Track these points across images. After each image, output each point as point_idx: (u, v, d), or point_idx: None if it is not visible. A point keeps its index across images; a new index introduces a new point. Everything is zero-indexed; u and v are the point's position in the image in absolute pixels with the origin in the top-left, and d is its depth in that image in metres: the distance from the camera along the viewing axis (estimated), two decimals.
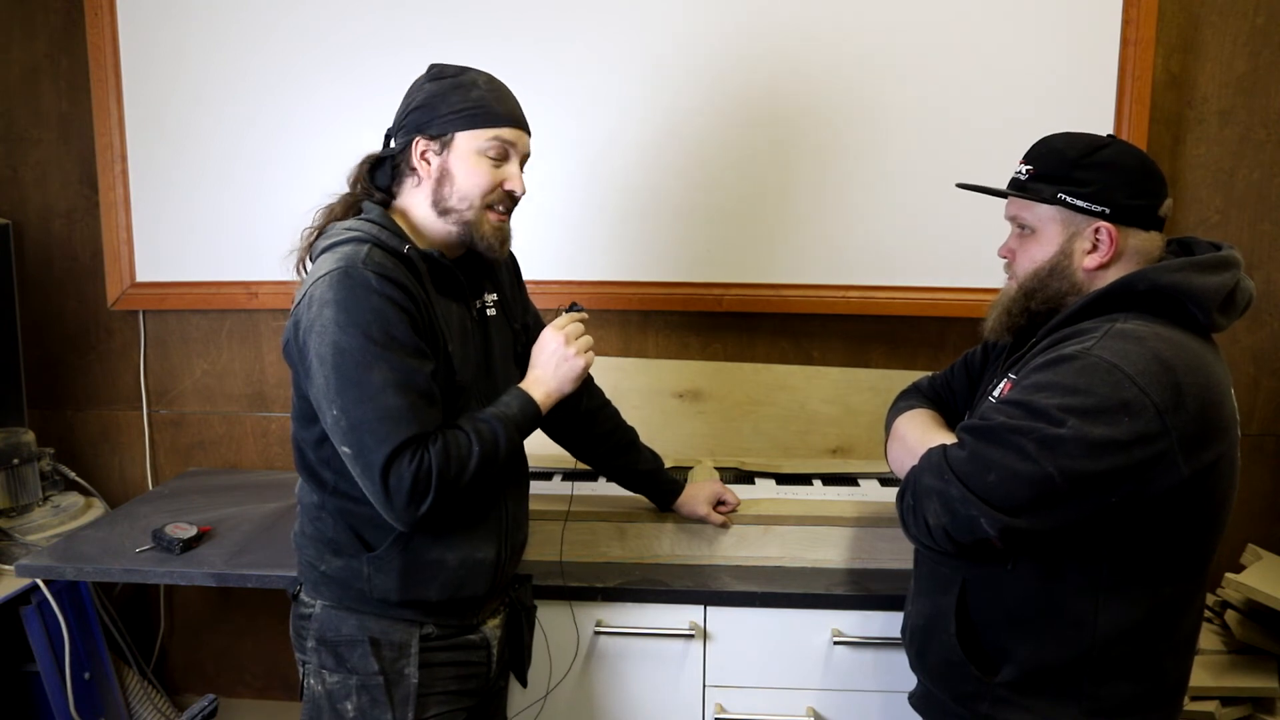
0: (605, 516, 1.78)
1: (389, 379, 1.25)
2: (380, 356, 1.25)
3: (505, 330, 1.52)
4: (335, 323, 1.25)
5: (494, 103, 1.38)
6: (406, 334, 1.27)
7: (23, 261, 2.36)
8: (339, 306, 1.25)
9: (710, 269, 2.18)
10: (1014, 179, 1.31)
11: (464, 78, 1.39)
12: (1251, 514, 2.19)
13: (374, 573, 1.37)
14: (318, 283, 1.29)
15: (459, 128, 1.36)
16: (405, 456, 1.25)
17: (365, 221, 1.36)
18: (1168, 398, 1.11)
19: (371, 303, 1.26)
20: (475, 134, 1.36)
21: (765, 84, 2.10)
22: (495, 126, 1.37)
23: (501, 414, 1.36)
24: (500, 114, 1.38)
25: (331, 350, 1.25)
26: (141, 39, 2.21)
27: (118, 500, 2.39)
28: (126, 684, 2.24)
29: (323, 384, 1.27)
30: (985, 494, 1.15)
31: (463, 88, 1.37)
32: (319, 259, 1.35)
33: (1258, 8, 2.06)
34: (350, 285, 1.26)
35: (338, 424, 1.27)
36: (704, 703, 1.73)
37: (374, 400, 1.24)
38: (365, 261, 1.28)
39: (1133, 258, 1.24)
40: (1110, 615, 1.20)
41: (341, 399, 1.26)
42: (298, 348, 1.31)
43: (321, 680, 1.40)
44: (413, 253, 1.33)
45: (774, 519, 1.77)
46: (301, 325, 1.29)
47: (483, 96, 1.37)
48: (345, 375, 1.25)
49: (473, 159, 1.37)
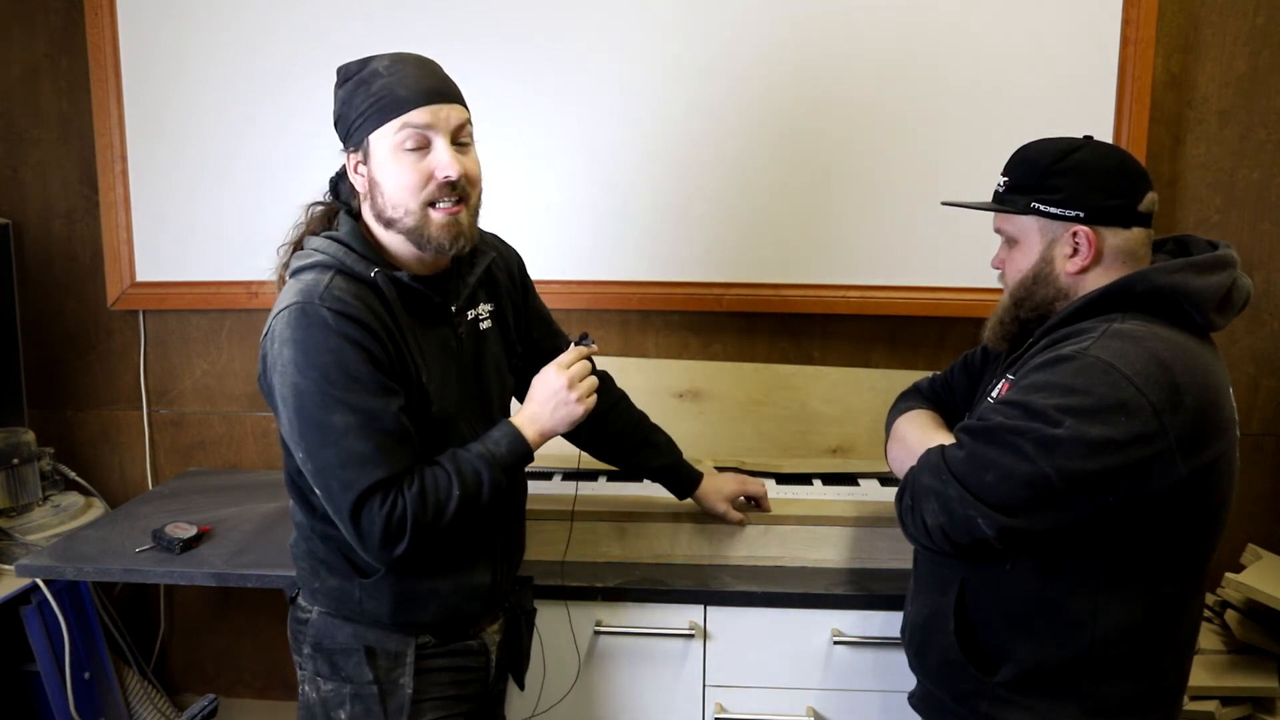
0: (605, 516, 1.78)
1: (350, 423, 1.19)
2: (340, 399, 1.19)
3: (500, 342, 1.45)
4: (294, 364, 1.20)
5: (396, 87, 1.22)
6: (368, 373, 1.20)
7: (23, 261, 2.36)
8: (297, 346, 1.20)
9: (710, 269, 2.18)
10: (994, 192, 1.32)
11: (365, 71, 1.25)
12: (1251, 514, 2.19)
13: (365, 597, 1.34)
14: (278, 317, 1.23)
15: (369, 130, 1.24)
16: (375, 501, 1.20)
17: (333, 242, 1.28)
18: (1165, 398, 1.11)
19: (329, 343, 1.19)
20: (384, 130, 1.23)
21: (766, 84, 2.10)
22: (400, 113, 1.22)
23: (489, 453, 1.29)
24: (404, 97, 1.22)
25: (292, 393, 1.20)
26: (141, 39, 2.21)
27: (118, 500, 2.39)
28: (126, 684, 2.24)
29: (288, 426, 1.23)
30: (983, 494, 1.16)
31: (365, 83, 1.24)
32: (289, 281, 1.28)
33: (1258, 8, 2.06)
34: (307, 324, 1.20)
35: (305, 466, 1.24)
36: (704, 703, 1.73)
37: (336, 445, 1.19)
38: (323, 297, 1.20)
39: (1116, 257, 1.25)
40: (1109, 615, 1.20)
41: (305, 442, 1.22)
42: (266, 384, 1.27)
43: (316, 687, 1.38)
44: (379, 277, 1.24)
45: (774, 519, 1.77)
46: (267, 361, 1.25)
47: (384, 85, 1.23)
48: (307, 419, 1.20)
49: (391, 159, 1.23)
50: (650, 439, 1.68)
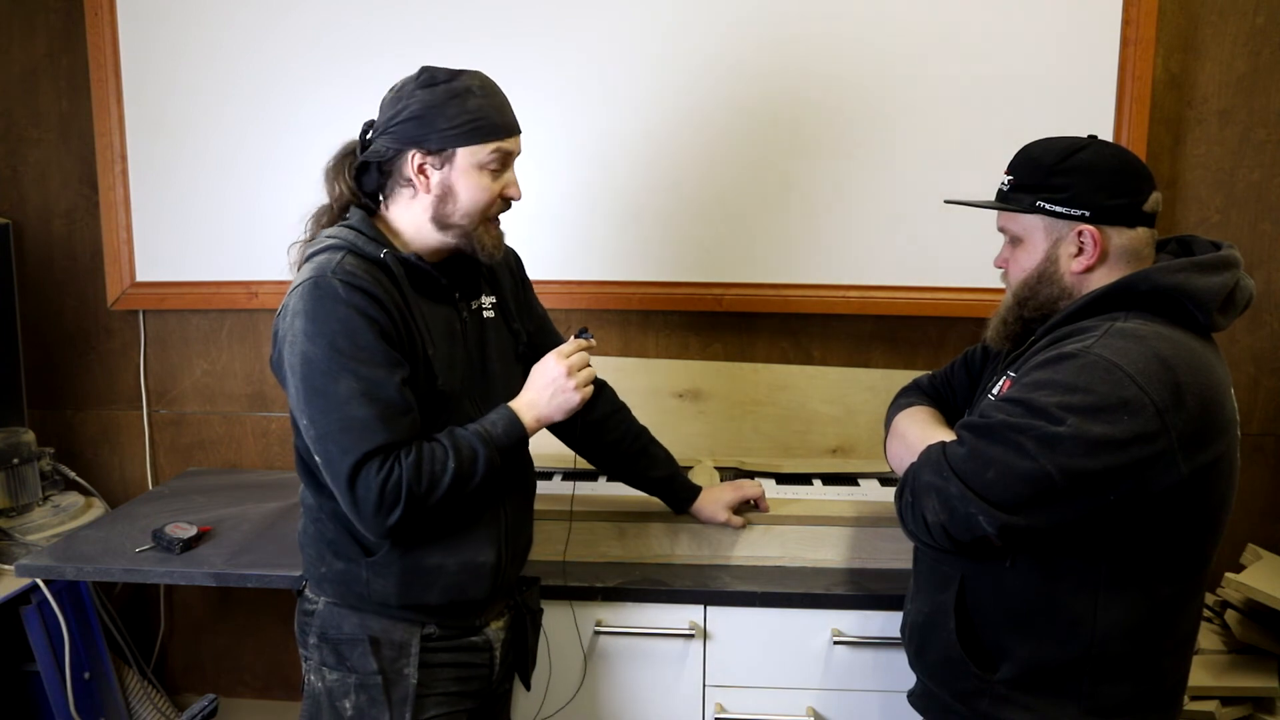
0: (605, 516, 1.78)
1: (355, 389, 1.24)
2: (346, 367, 1.24)
3: (505, 332, 1.50)
4: (304, 333, 1.26)
5: (493, 112, 1.34)
6: (374, 343, 1.26)
7: (23, 261, 2.36)
8: (308, 317, 1.26)
9: (710, 269, 2.18)
10: (999, 190, 1.32)
11: (457, 84, 1.33)
12: (1251, 514, 2.19)
13: (373, 577, 1.36)
14: (293, 293, 1.30)
15: (460, 143, 1.32)
16: (372, 466, 1.24)
17: (344, 228, 1.35)
18: (1167, 397, 1.11)
19: (338, 312, 1.25)
20: (477, 149, 1.33)
21: (766, 84, 2.10)
22: (497, 139, 1.34)
23: (485, 433, 1.33)
24: (499, 125, 1.34)
25: (300, 361, 1.26)
26: (141, 39, 2.21)
27: (118, 500, 2.39)
28: (126, 684, 2.24)
29: (294, 394, 1.28)
30: (984, 491, 1.16)
31: (458, 97, 1.32)
32: (301, 269, 1.35)
33: (1258, 8, 2.06)
34: (319, 295, 1.26)
35: (308, 434, 1.28)
36: (704, 702, 1.73)
37: (339, 410, 1.24)
38: (335, 270, 1.27)
39: (1121, 256, 1.25)
40: (1109, 614, 1.20)
41: (309, 409, 1.26)
42: (277, 358, 1.32)
43: (322, 677, 1.41)
44: (389, 257, 1.31)
45: (774, 519, 1.77)
46: (279, 336, 1.31)
47: (481, 106, 1.32)
48: (312, 385, 1.25)
49: (475, 174, 1.34)
50: (649, 450, 1.71)
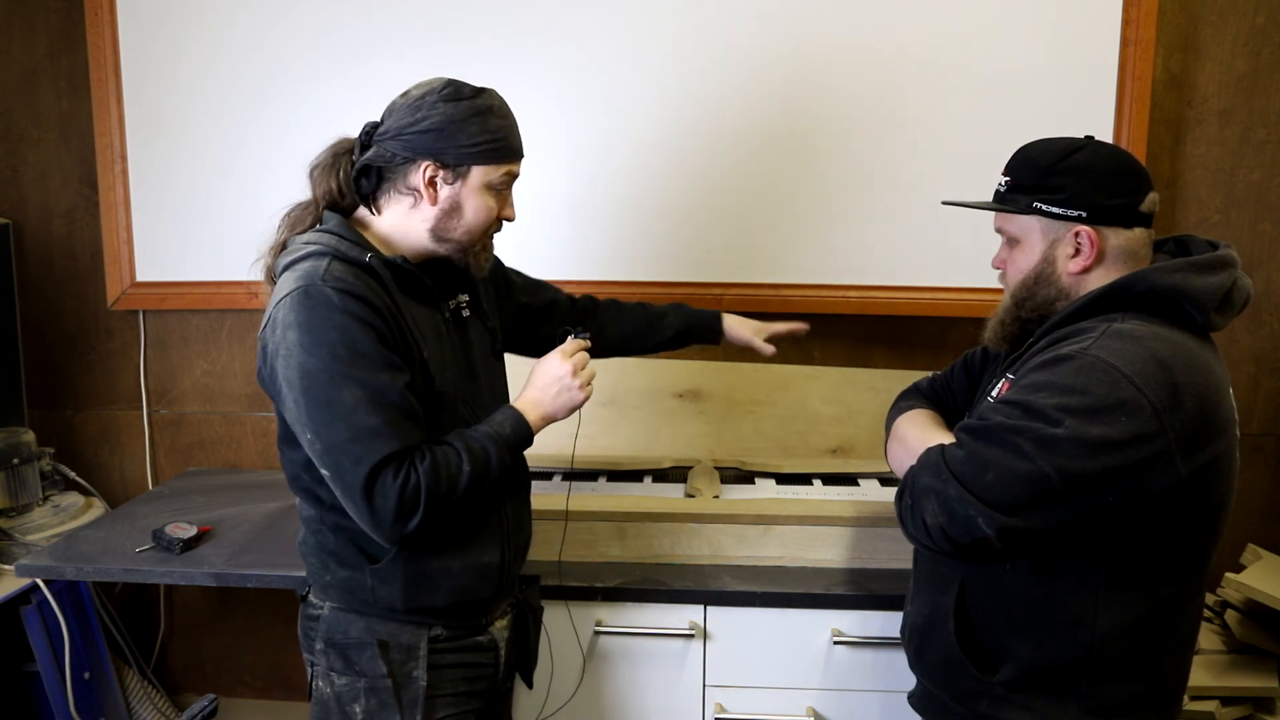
0: (605, 516, 1.78)
1: (360, 397, 1.22)
2: (348, 375, 1.22)
3: (481, 330, 1.50)
4: (300, 345, 1.22)
5: (510, 135, 1.35)
6: (374, 349, 1.24)
7: (23, 261, 2.36)
8: (302, 328, 1.23)
9: (710, 269, 2.18)
10: (996, 191, 1.32)
11: (480, 102, 1.32)
12: (1251, 514, 2.19)
13: (378, 584, 1.35)
14: (280, 304, 1.26)
15: (477, 161, 1.32)
16: (388, 473, 1.22)
17: (323, 233, 1.32)
18: (1165, 397, 1.11)
19: (334, 321, 1.22)
20: (491, 169, 1.34)
21: (766, 84, 2.10)
22: (511, 161, 1.36)
23: (495, 433, 1.33)
24: (515, 148, 1.36)
25: (299, 374, 1.23)
26: (141, 39, 2.21)
27: (118, 500, 2.39)
28: (126, 684, 2.24)
29: (294, 408, 1.25)
30: (983, 493, 1.16)
31: (481, 115, 1.32)
32: (281, 278, 1.31)
33: (1258, 8, 2.06)
34: (311, 305, 1.23)
35: (313, 447, 1.25)
36: (704, 703, 1.73)
37: (346, 420, 1.22)
38: (325, 278, 1.24)
39: (1118, 257, 1.25)
40: (1109, 615, 1.20)
41: (314, 422, 1.23)
42: (268, 373, 1.28)
43: (330, 682, 1.39)
44: (374, 261, 1.29)
45: (774, 519, 1.77)
46: (269, 350, 1.27)
47: (500, 127, 1.33)
48: (315, 397, 1.22)
49: (483, 193, 1.34)
50: (655, 317, 1.76)
